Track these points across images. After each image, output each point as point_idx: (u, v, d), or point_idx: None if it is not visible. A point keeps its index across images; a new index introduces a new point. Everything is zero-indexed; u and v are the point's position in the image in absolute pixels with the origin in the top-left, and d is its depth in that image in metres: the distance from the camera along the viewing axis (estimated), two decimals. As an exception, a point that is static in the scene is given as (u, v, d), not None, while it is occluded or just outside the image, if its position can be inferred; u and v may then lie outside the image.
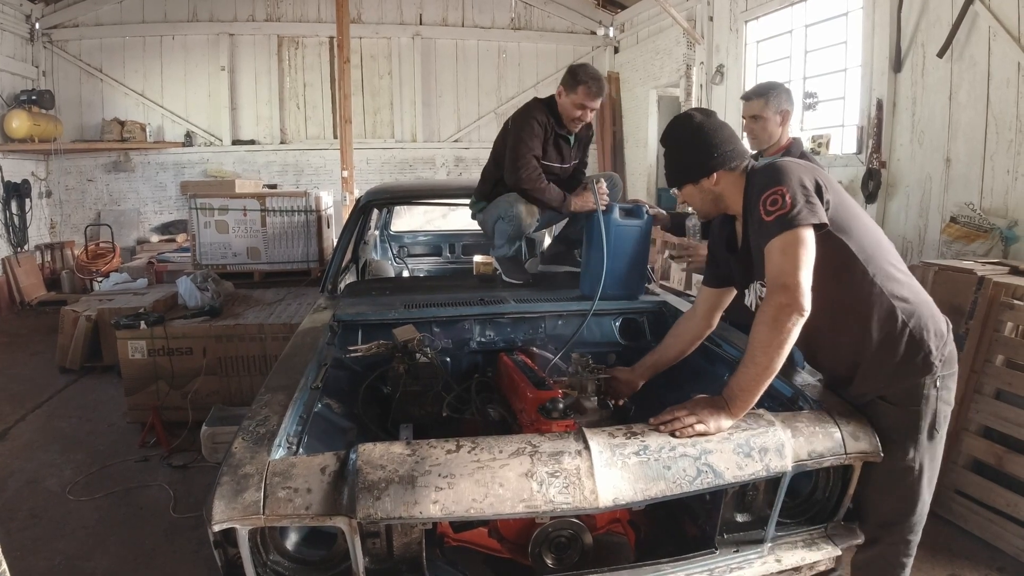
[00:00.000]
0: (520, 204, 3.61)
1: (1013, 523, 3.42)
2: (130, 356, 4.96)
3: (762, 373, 2.01)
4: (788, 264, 1.98)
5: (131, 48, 11.66)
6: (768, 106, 3.50)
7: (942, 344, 2.24)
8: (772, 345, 1.98)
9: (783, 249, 2.00)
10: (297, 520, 1.76)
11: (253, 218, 6.73)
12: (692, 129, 2.35)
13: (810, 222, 2.01)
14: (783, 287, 1.97)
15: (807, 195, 2.04)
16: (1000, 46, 5.06)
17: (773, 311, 1.98)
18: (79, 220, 11.52)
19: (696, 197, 2.40)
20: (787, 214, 2.00)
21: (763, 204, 2.07)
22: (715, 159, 2.28)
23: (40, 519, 3.86)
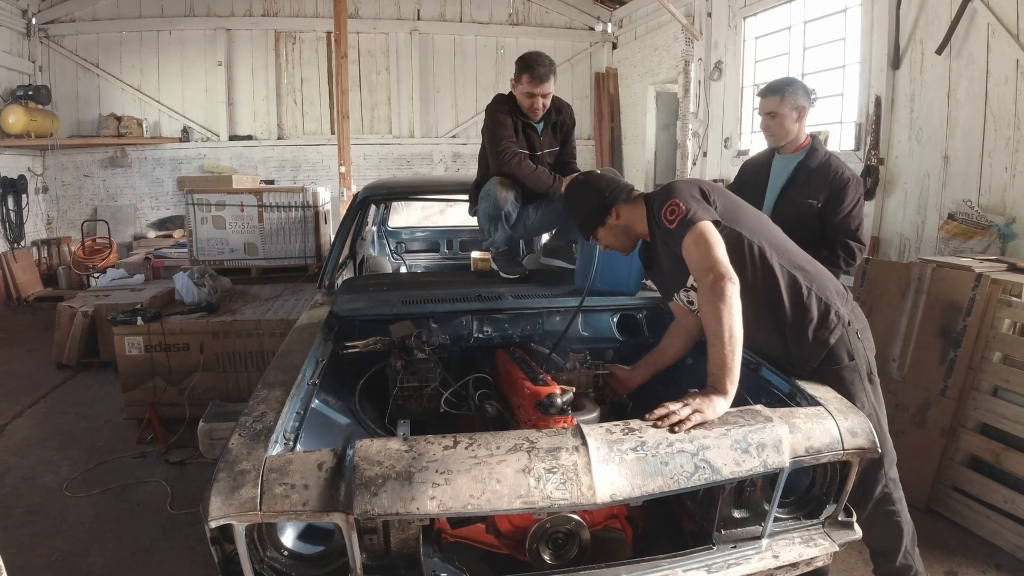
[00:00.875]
0: (495, 181, 3.60)
1: (1011, 520, 3.43)
2: (127, 352, 4.95)
3: (728, 344, 2.15)
4: (703, 249, 2.25)
5: (128, 43, 11.62)
6: (784, 102, 3.45)
7: (845, 301, 2.58)
8: (723, 317, 2.15)
9: (695, 242, 2.28)
10: (294, 516, 1.75)
11: (250, 214, 6.73)
12: (579, 185, 2.78)
13: (707, 218, 2.31)
14: (707, 268, 2.21)
15: (696, 200, 2.38)
16: (999, 43, 5.05)
17: (709, 289, 2.19)
18: (76, 216, 11.49)
19: (610, 237, 2.68)
20: (685, 217, 2.31)
21: (664, 217, 2.38)
22: (607, 198, 2.62)
23: (37, 515, 3.85)
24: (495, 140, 3.64)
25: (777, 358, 2.63)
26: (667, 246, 2.44)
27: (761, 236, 2.50)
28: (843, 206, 3.41)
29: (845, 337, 2.51)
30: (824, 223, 3.44)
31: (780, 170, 3.56)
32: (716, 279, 2.17)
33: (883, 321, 4.20)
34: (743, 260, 2.42)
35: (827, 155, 3.51)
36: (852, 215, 3.44)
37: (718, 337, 2.15)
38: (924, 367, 3.94)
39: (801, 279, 2.48)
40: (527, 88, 3.60)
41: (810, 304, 2.47)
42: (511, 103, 3.72)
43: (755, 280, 2.45)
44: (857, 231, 3.48)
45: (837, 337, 2.50)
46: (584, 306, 3.19)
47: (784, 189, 3.52)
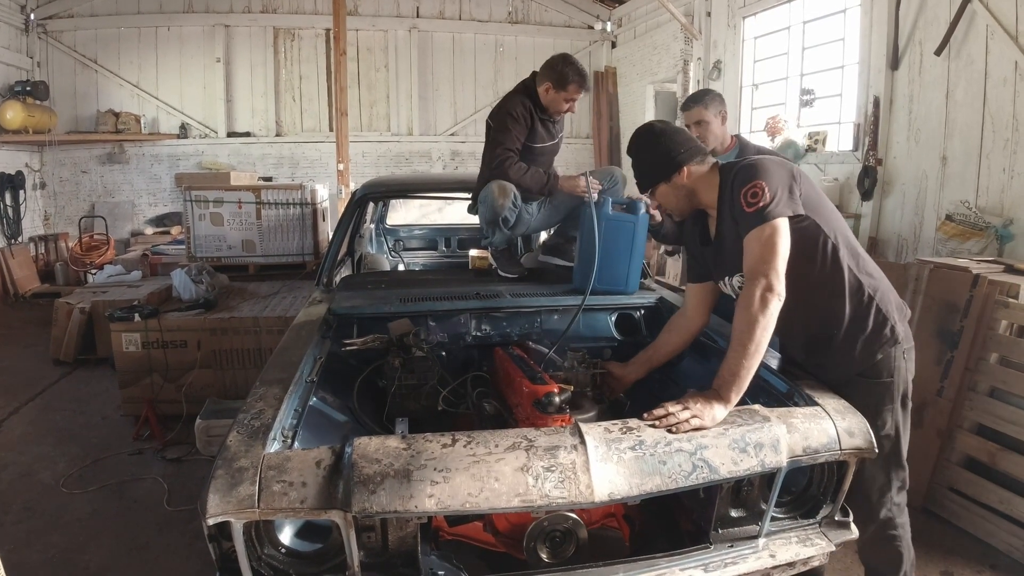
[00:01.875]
0: (492, 184, 3.60)
1: (1006, 520, 3.44)
2: (124, 349, 4.95)
3: (749, 357, 2.09)
4: (767, 253, 2.13)
5: (126, 39, 11.60)
6: (708, 109, 3.78)
7: (903, 317, 2.46)
8: (756, 329, 2.08)
9: (762, 239, 2.16)
10: (292, 514, 1.75)
11: (248, 211, 6.72)
12: (656, 133, 2.56)
13: (787, 213, 2.18)
14: (762, 274, 2.11)
15: (784, 188, 2.21)
16: (998, 45, 5.06)
17: (754, 297, 2.10)
18: (73, 212, 11.47)
19: (670, 196, 2.54)
20: (767, 206, 2.16)
21: (744, 197, 2.21)
22: (682, 155, 2.46)
23: (34, 512, 3.85)
24: (492, 144, 3.63)
25: (802, 361, 2.56)
26: (737, 225, 2.30)
27: (838, 233, 2.37)
28: None
29: (892, 355, 2.40)
30: None
31: None
32: (766, 289, 2.10)
33: (880, 321, 4.21)
34: (814, 254, 2.33)
35: (757, 148, 3.85)
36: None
37: (742, 345, 2.10)
38: (921, 367, 3.91)
39: (867, 286, 2.37)
40: (572, 95, 3.66)
41: (869, 313, 2.37)
42: (532, 101, 3.70)
43: (821, 276, 2.35)
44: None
45: (885, 353, 2.40)
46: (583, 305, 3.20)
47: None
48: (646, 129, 2.62)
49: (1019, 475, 3.41)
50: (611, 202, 3.40)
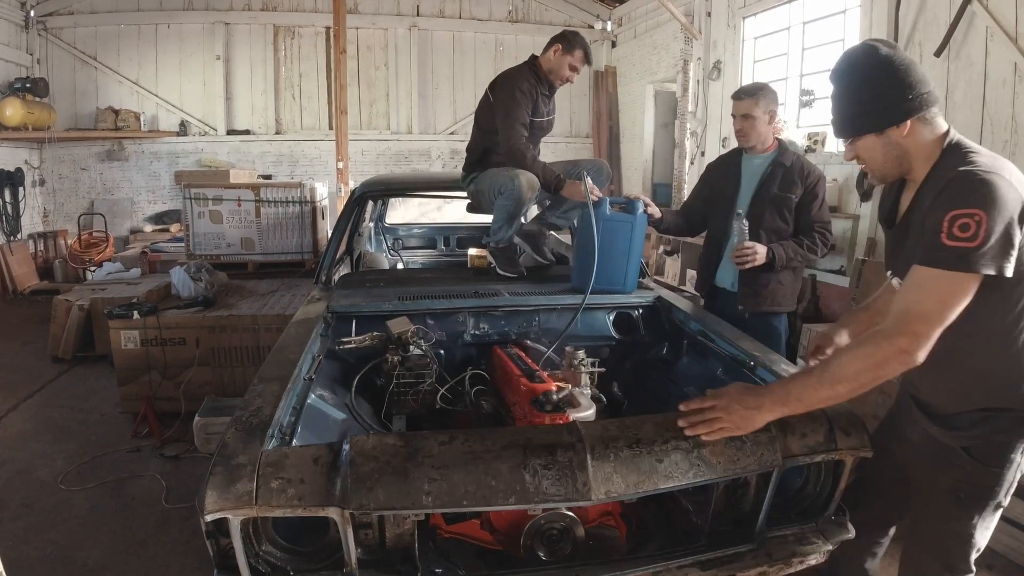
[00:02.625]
0: (522, 177, 3.59)
1: (1003, 521, 3.44)
2: (123, 346, 4.95)
3: (833, 399, 1.85)
4: (934, 306, 1.71)
5: (126, 36, 11.61)
6: (758, 105, 3.66)
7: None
8: (862, 381, 1.78)
9: (938, 287, 1.72)
10: (289, 510, 1.75)
11: (247, 208, 6.73)
12: (881, 62, 1.87)
13: (987, 270, 1.68)
14: (912, 332, 1.71)
15: (1005, 236, 1.69)
16: (997, 46, 5.07)
17: (885, 350, 1.74)
18: (72, 209, 11.48)
19: (878, 152, 1.94)
20: (971, 251, 1.67)
21: (949, 221, 1.69)
22: (910, 101, 1.84)
23: (32, 509, 3.85)
24: (510, 119, 3.64)
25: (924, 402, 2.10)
26: (923, 226, 1.79)
27: None
28: (818, 200, 3.70)
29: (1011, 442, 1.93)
30: (800, 215, 3.70)
31: (754, 169, 3.76)
32: (903, 351, 1.71)
33: (878, 322, 4.21)
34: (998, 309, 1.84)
35: (796, 155, 3.78)
36: (824, 207, 3.76)
37: (833, 389, 1.81)
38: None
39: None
40: (576, 63, 3.78)
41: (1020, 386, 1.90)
42: (536, 72, 3.80)
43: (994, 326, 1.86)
44: (829, 221, 3.79)
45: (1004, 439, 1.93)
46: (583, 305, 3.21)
47: (761, 186, 3.69)
48: (869, 53, 1.90)
49: (1016, 476, 3.41)
50: (609, 202, 3.40)
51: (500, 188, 3.66)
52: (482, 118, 3.87)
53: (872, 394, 4.04)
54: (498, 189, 3.68)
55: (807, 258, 3.68)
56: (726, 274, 3.79)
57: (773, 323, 3.75)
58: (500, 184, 3.66)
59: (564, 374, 2.85)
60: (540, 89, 3.77)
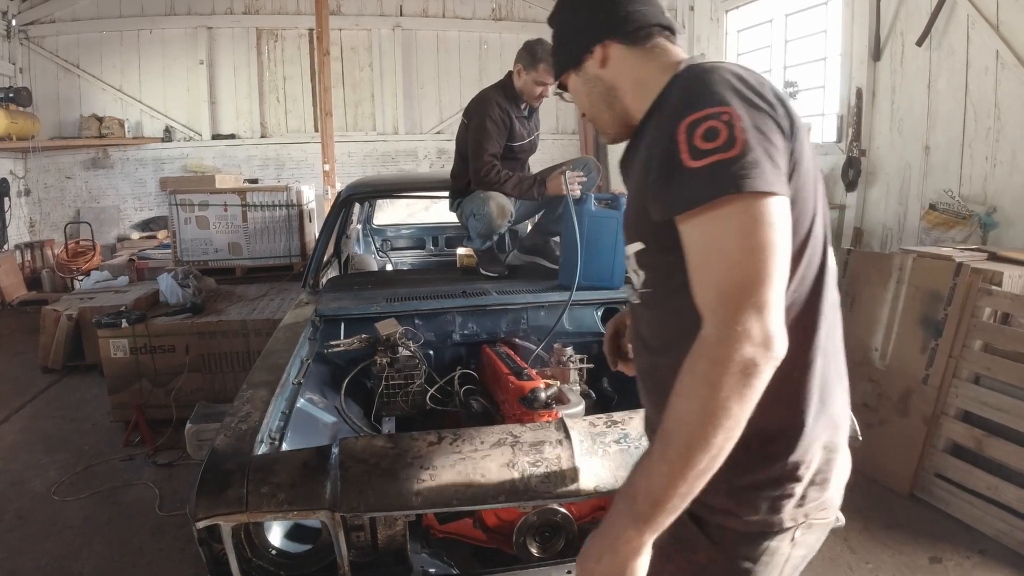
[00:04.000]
0: (491, 203, 3.58)
1: (994, 506, 3.47)
2: (112, 355, 4.93)
3: (684, 472, 1.05)
4: (746, 263, 1.04)
5: (108, 43, 11.52)
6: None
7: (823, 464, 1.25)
8: (706, 418, 1.03)
9: (727, 234, 1.06)
10: (280, 515, 1.76)
11: (234, 213, 6.70)
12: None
13: (766, 186, 1.06)
14: (738, 318, 1.02)
15: (764, 139, 1.10)
16: (978, 34, 5.10)
17: (713, 355, 1.04)
18: (59, 218, 11.40)
19: (582, 96, 1.49)
20: (732, 161, 1.06)
21: (686, 132, 1.10)
22: (599, 21, 1.40)
23: (26, 520, 3.84)
24: (479, 151, 3.59)
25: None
26: (647, 167, 1.20)
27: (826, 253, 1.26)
28: None
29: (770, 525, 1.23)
30: None
31: None
32: (745, 334, 1.01)
33: (865, 311, 4.25)
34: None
35: None
36: None
37: (671, 454, 1.06)
38: (906, 356, 3.98)
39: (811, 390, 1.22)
40: (542, 77, 3.55)
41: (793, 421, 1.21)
42: (506, 94, 3.69)
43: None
44: None
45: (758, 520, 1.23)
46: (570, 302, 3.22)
47: None
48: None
49: (1005, 461, 3.45)
50: (593, 198, 3.42)
51: (474, 211, 3.68)
52: (461, 144, 3.83)
53: (861, 382, 4.11)
54: (472, 212, 3.70)
55: None
56: None
57: None
58: (474, 208, 3.68)
59: (553, 371, 2.86)
60: (515, 112, 3.69)
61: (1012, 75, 4.82)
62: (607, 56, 1.39)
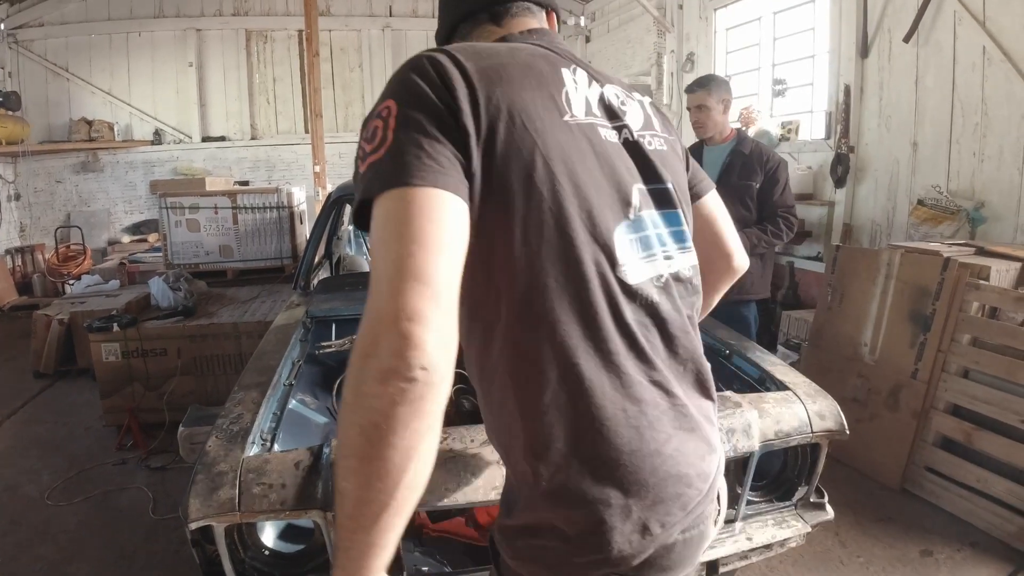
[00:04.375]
0: None
1: (984, 499, 3.50)
2: (104, 359, 4.93)
3: (357, 512, 0.93)
4: (384, 266, 0.94)
5: (97, 46, 11.49)
6: (711, 95, 3.79)
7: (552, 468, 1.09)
8: (357, 453, 0.91)
9: (378, 231, 0.96)
10: (272, 515, 1.77)
11: (224, 216, 6.69)
12: None
13: (424, 181, 0.95)
14: (369, 317, 0.95)
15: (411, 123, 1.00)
16: (965, 30, 5.12)
17: (351, 371, 0.94)
18: (49, 222, 11.37)
19: None
20: (380, 162, 0.98)
21: (361, 140, 1.05)
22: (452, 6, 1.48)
23: (20, 525, 3.83)
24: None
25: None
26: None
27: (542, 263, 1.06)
28: (779, 186, 3.79)
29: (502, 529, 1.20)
30: (762, 201, 3.78)
31: (714, 159, 3.83)
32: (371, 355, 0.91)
33: (854, 306, 4.28)
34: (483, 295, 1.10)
35: (755, 142, 3.86)
36: (787, 192, 3.84)
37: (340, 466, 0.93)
38: (895, 351, 4.01)
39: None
40: None
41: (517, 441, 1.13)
42: None
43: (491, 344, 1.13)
44: (793, 205, 3.87)
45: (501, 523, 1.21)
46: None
47: (722, 175, 3.78)
48: None
49: (995, 454, 3.48)
50: None
51: None
52: None
53: (851, 377, 4.13)
54: None
55: (772, 243, 3.76)
56: None
57: (742, 311, 3.81)
58: None
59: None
60: None
61: (999, 71, 4.84)
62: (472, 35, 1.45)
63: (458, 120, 1.01)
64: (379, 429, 0.87)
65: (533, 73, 1.14)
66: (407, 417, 0.88)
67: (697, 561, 1.23)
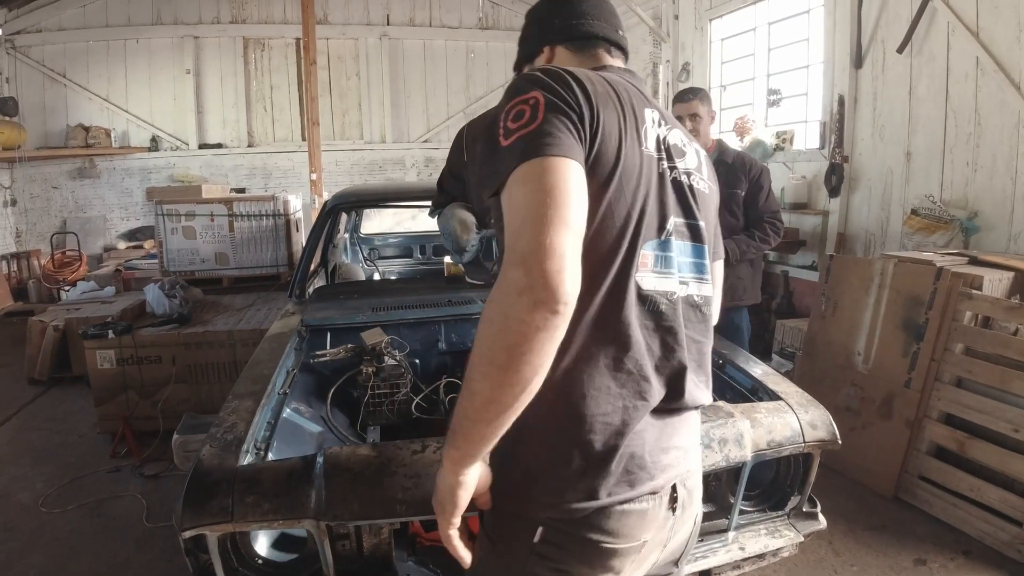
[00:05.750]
0: (453, 220, 3.59)
1: (977, 507, 3.51)
2: (99, 366, 4.92)
3: (484, 408, 1.13)
4: (530, 213, 1.10)
5: (95, 52, 11.49)
6: (703, 104, 3.88)
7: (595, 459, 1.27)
8: (496, 363, 1.08)
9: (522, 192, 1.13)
10: (266, 525, 1.77)
11: (220, 223, 6.69)
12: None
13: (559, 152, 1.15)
14: (519, 256, 1.07)
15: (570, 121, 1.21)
16: (959, 41, 5.15)
17: (504, 298, 1.08)
18: (45, 228, 11.35)
19: None
20: (532, 134, 1.17)
21: (504, 118, 1.23)
22: (553, 28, 1.60)
23: (13, 533, 3.82)
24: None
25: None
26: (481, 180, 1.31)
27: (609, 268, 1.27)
28: (763, 192, 3.87)
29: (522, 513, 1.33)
30: (748, 208, 3.86)
31: None
32: (520, 288, 1.05)
33: (848, 315, 4.30)
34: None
35: (736, 152, 3.95)
36: (772, 198, 3.92)
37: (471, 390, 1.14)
38: (888, 360, 4.03)
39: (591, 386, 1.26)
40: None
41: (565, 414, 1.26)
42: None
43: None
44: (778, 211, 3.95)
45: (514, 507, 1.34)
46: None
47: None
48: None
49: (988, 462, 3.49)
50: None
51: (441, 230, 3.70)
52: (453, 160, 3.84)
53: (844, 385, 4.15)
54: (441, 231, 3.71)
55: (760, 248, 3.80)
56: None
57: (734, 318, 3.83)
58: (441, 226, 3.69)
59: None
60: None
61: (991, 81, 4.88)
62: (553, 55, 1.60)
63: (582, 122, 1.24)
64: (520, 347, 1.06)
65: (629, 108, 1.35)
66: (545, 341, 1.07)
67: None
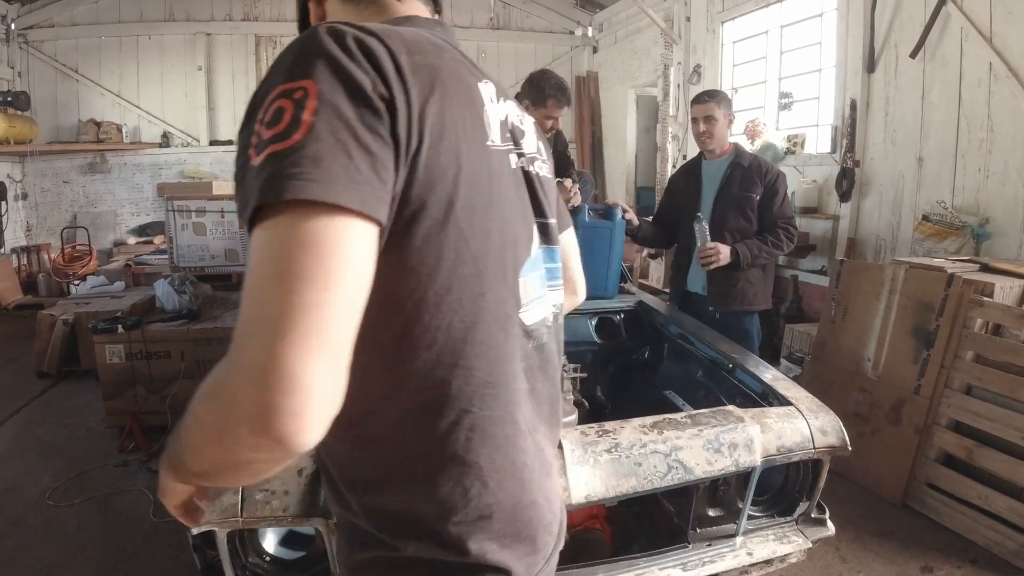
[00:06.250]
0: None
1: (985, 516, 3.50)
2: (108, 360, 4.94)
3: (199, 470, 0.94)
4: (267, 302, 0.76)
5: (107, 48, 11.54)
6: (719, 107, 3.86)
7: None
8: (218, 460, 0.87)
9: (265, 249, 0.76)
10: (275, 522, 1.77)
11: (231, 220, 6.71)
12: None
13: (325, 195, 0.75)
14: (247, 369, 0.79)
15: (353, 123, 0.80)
16: (972, 46, 5.13)
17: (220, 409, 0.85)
18: (55, 222, 11.40)
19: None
20: (285, 153, 0.76)
21: (262, 115, 0.83)
22: None
23: (20, 527, 3.84)
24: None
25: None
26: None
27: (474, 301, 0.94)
28: (778, 197, 3.81)
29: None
30: (762, 213, 3.80)
31: (713, 172, 3.89)
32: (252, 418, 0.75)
33: (857, 321, 4.28)
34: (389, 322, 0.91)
35: (753, 155, 3.89)
36: (787, 203, 3.87)
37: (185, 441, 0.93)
38: (898, 366, 4.01)
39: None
40: (551, 112, 3.55)
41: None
42: None
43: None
44: (792, 217, 3.90)
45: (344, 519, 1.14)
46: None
47: (722, 188, 3.81)
48: None
49: (996, 471, 3.48)
50: (588, 209, 3.46)
51: None
52: None
53: (854, 391, 4.13)
54: None
55: (772, 254, 3.78)
56: (696, 279, 3.87)
57: (744, 322, 3.82)
58: None
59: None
60: None
61: (1004, 87, 4.85)
62: (323, 11, 1.23)
63: (395, 124, 0.83)
64: (237, 466, 0.84)
65: (463, 85, 0.97)
66: (268, 469, 0.83)
67: None
